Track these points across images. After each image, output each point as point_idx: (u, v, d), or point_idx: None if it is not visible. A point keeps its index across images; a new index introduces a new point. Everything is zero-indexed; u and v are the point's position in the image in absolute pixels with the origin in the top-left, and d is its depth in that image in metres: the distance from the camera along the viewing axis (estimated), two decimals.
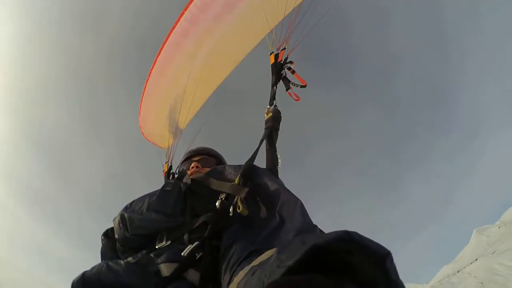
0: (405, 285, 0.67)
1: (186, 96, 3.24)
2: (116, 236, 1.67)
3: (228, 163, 2.42)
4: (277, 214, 1.29)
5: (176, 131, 3.55)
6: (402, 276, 0.66)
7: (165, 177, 2.81)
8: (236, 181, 1.55)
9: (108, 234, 1.79)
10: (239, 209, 1.41)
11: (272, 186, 1.44)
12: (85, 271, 1.37)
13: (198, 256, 1.30)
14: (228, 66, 3.46)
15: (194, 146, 2.56)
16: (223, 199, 1.54)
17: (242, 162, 1.74)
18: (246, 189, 1.44)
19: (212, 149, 2.45)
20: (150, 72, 3.54)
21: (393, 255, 0.65)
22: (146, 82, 3.65)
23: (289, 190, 1.40)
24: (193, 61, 3.24)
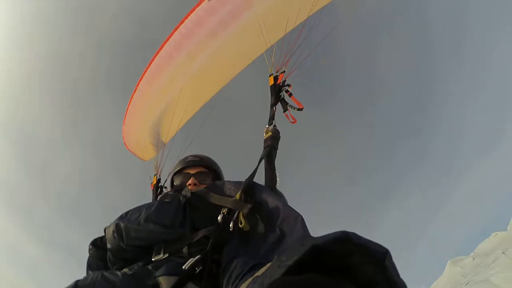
0: None
1: (175, 109, 3.19)
2: (109, 246, 1.62)
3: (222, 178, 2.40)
4: (278, 229, 1.30)
5: (163, 144, 3.47)
6: None
7: (153, 190, 2.77)
8: (237, 197, 1.55)
9: (96, 244, 1.73)
10: (241, 224, 1.42)
11: (272, 202, 1.45)
12: (78, 280, 1.33)
13: (198, 270, 1.27)
14: (219, 82, 3.47)
15: (186, 154, 2.47)
16: (225, 213, 1.52)
17: (235, 176, 1.78)
18: (249, 205, 1.45)
19: (210, 160, 2.39)
20: (138, 83, 3.47)
21: None
22: (134, 92, 3.57)
23: (289, 206, 1.41)
24: (185, 74, 3.22)
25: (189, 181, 2.14)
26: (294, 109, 2.52)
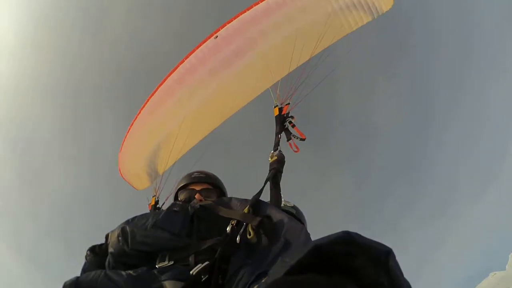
0: None
1: (174, 141, 3.20)
2: (112, 250, 1.62)
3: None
4: (283, 238, 1.34)
5: (159, 175, 3.44)
6: None
7: (150, 210, 2.81)
8: (246, 211, 1.60)
9: (95, 250, 1.73)
10: (249, 235, 1.46)
11: (277, 216, 1.51)
12: (79, 276, 1.35)
13: (204, 278, 1.29)
14: (219, 118, 3.51)
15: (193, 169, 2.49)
16: (234, 225, 1.55)
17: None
18: (258, 218, 1.48)
19: (215, 177, 2.42)
20: (139, 112, 3.49)
21: None
22: (134, 121, 3.57)
23: (294, 220, 1.46)
24: (186, 108, 3.26)
25: (195, 197, 2.15)
26: (297, 139, 2.67)
